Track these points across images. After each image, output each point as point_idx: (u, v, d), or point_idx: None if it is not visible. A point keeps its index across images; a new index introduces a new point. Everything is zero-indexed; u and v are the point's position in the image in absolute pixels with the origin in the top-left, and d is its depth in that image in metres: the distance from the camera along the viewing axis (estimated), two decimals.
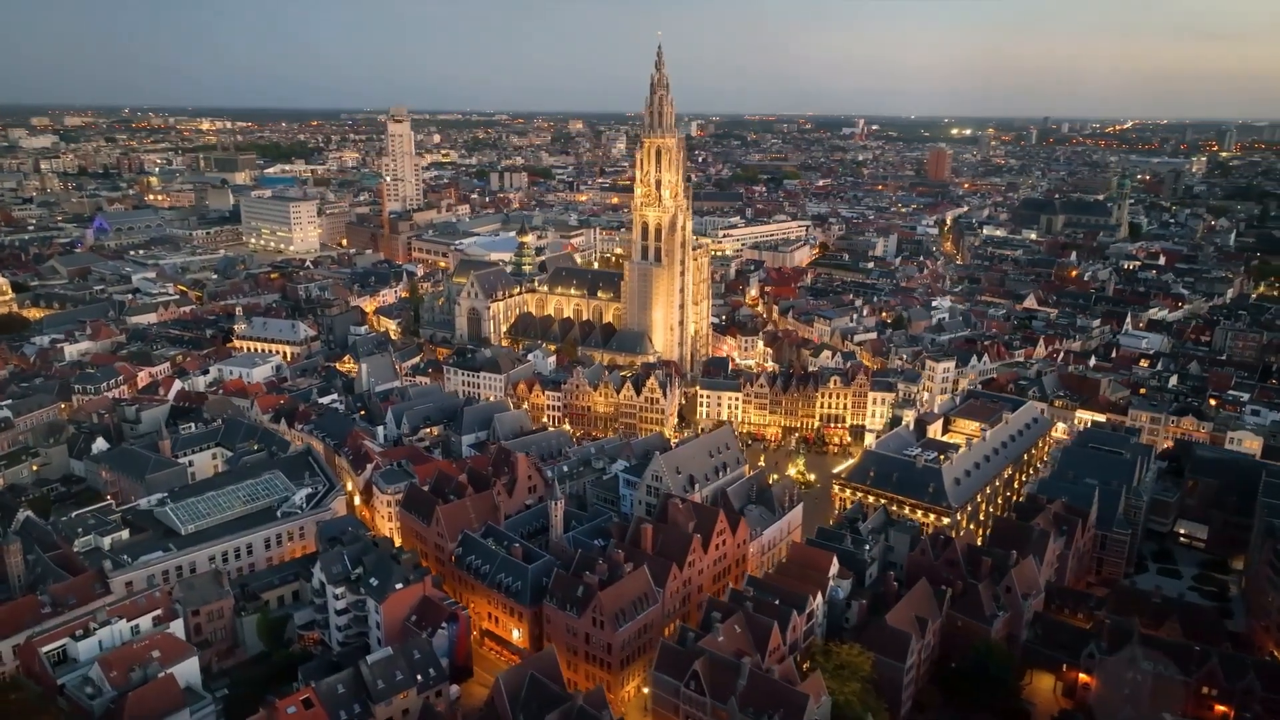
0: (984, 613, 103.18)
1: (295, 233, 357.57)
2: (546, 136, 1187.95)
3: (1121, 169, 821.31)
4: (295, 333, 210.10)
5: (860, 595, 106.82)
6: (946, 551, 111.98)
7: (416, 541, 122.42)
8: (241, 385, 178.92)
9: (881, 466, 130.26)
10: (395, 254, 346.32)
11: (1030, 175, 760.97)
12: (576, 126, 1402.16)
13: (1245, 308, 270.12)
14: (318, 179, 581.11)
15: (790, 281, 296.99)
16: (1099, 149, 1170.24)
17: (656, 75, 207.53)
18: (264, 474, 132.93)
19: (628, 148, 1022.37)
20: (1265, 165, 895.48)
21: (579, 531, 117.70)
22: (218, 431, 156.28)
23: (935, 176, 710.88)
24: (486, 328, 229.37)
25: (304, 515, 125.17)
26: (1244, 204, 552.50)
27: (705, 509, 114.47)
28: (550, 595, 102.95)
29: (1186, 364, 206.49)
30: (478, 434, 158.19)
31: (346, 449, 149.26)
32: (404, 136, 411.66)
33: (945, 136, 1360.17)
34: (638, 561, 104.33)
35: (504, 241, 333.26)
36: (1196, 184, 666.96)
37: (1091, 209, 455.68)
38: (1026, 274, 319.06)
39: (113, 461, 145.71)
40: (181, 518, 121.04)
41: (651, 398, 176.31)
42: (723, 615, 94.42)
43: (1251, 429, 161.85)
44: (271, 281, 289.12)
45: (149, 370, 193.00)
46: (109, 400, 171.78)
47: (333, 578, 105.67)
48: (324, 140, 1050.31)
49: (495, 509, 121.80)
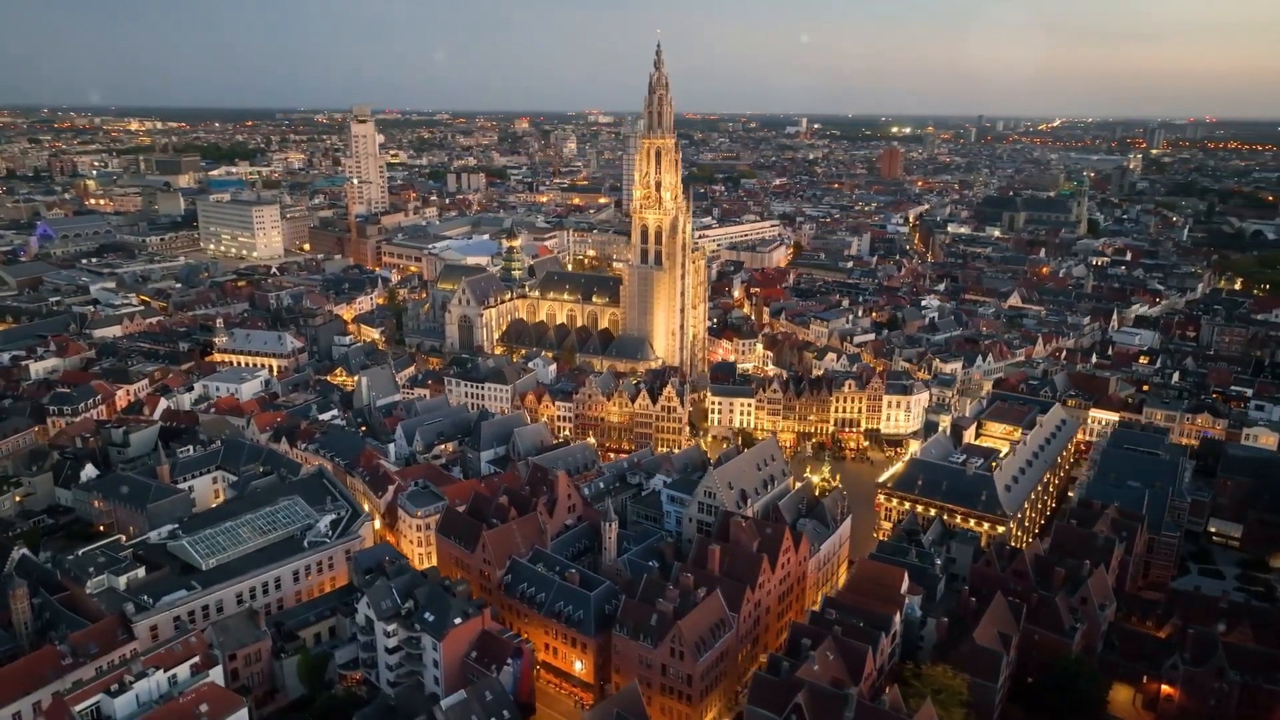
0: (1063, 626, 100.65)
1: (259, 238, 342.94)
2: (493, 136, 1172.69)
3: (1063, 166, 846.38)
4: (282, 345, 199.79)
5: (932, 612, 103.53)
6: (1014, 562, 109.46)
7: (456, 569, 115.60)
8: (233, 403, 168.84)
9: (930, 475, 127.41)
10: (364, 259, 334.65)
11: (978, 173, 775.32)
12: (522, 125, 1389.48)
13: (1220, 303, 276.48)
14: (267, 181, 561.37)
15: (775, 282, 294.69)
16: (1036, 146, 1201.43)
17: (655, 75, 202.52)
18: (282, 500, 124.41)
19: (578, 147, 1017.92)
20: (1196, 163, 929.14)
21: (632, 553, 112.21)
22: (217, 454, 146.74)
23: (888, 175, 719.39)
24: (479, 336, 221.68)
25: (333, 544, 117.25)
26: (1188, 200, 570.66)
27: (769, 526, 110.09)
28: (619, 625, 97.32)
29: (1182, 360, 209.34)
30: (496, 449, 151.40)
31: (361, 469, 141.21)
32: (367, 137, 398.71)
33: (887, 135, 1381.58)
34: (708, 585, 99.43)
35: (480, 245, 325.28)
36: (1138, 181, 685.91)
37: (1052, 206, 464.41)
38: (1002, 271, 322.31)
39: (106, 490, 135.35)
40: (201, 551, 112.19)
41: (668, 406, 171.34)
42: (813, 641, 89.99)
43: (1264, 425, 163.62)
44: (239, 290, 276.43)
45: (127, 388, 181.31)
46: (91, 422, 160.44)
47: (382, 613, 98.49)
48: (264, 141, 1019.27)
49: (541, 532, 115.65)
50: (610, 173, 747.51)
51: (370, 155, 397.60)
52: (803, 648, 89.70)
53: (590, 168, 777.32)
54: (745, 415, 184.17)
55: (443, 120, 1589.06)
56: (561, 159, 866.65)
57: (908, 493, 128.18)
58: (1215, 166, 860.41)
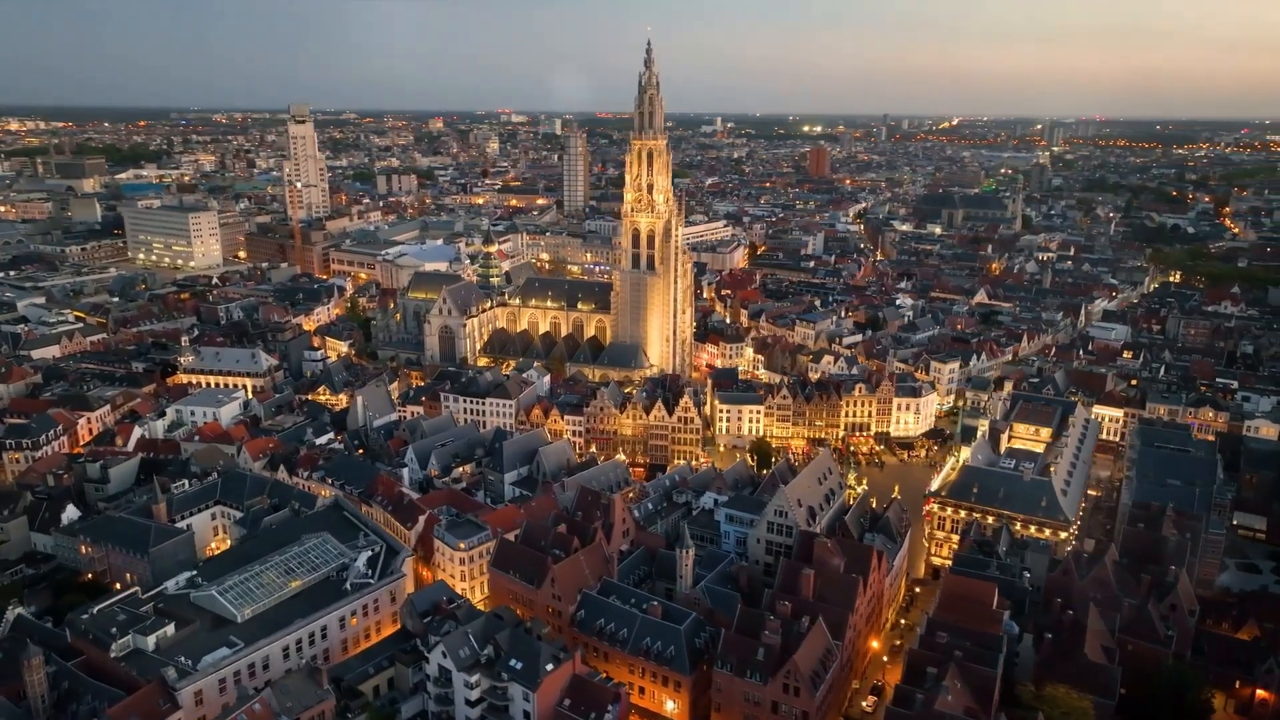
0: (1158, 634, 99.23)
1: (195, 246, 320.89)
2: (409, 136, 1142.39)
3: (978, 164, 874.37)
4: (256, 363, 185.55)
5: (1025, 627, 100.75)
6: (1095, 570, 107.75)
7: (515, 605, 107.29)
8: (217, 429, 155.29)
9: (985, 482, 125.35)
10: (311, 266, 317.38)
11: (901, 171, 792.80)
12: (437, 125, 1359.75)
13: (1172, 295, 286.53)
14: (181, 185, 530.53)
15: (743, 284, 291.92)
16: (944, 144, 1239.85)
17: (646, 74, 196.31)
18: (308, 538, 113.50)
19: (500, 147, 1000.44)
20: (1098, 159, 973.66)
21: (708, 581, 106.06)
22: (215, 487, 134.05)
23: (816, 173, 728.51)
24: (462, 347, 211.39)
25: (379, 585, 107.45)
26: (1104, 196, 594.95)
27: (854, 546, 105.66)
28: (722, 661, 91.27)
29: (1160, 353, 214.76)
30: (518, 470, 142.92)
31: (381, 498, 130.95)
32: (306, 138, 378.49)
33: (799, 134, 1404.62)
34: (807, 613, 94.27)
35: (436, 250, 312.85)
36: (1053, 178, 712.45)
37: (988, 203, 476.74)
38: (958, 269, 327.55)
39: (96, 533, 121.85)
40: (233, 601, 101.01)
41: (685, 417, 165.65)
42: (937, 668, 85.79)
43: (1263, 417, 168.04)
44: (183, 303, 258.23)
45: (88, 416, 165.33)
46: (61, 457, 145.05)
47: (461, 663, 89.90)
48: (165, 143, 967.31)
49: (606, 561, 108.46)
50: (540, 173, 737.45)
51: (310, 157, 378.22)
52: (929, 676, 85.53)
53: (519, 168, 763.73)
54: (754, 423, 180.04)
55: (350, 120, 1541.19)
56: (487, 159, 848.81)
57: (963, 500, 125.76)
58: (1116, 163, 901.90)
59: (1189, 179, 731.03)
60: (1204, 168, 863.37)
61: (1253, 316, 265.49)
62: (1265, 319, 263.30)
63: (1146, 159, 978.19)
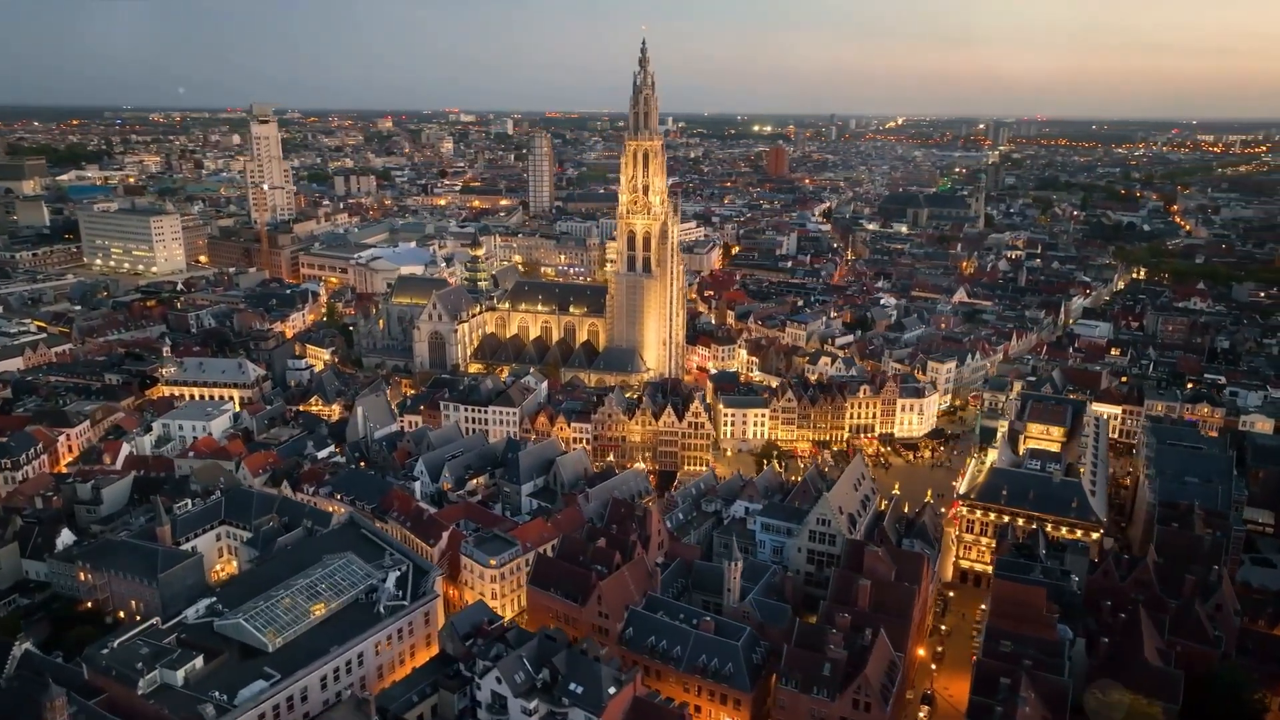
0: (1208, 635, 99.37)
1: (158, 251, 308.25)
2: (358, 136, 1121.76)
3: (929, 163, 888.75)
4: (244, 373, 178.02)
5: (1077, 631, 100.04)
6: (1136, 571, 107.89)
7: (555, 624, 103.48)
8: (212, 444, 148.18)
9: (1015, 484, 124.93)
10: (280, 271, 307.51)
11: (857, 170, 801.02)
12: (386, 125, 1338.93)
13: (1143, 292, 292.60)
14: (129, 187, 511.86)
15: (725, 285, 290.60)
16: (893, 144, 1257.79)
17: (641, 74, 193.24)
18: (330, 559, 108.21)
19: (454, 147, 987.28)
20: (1045, 158, 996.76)
21: (755, 593, 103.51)
22: (219, 506, 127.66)
23: (775, 172, 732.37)
24: (453, 353, 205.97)
25: (414, 607, 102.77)
26: (1058, 194, 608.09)
27: (903, 554, 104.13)
28: (786, 677, 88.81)
29: (1144, 349, 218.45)
30: (534, 481, 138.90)
31: (396, 514, 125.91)
32: (270, 139, 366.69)
33: (749, 133, 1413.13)
34: (868, 625, 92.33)
35: (411, 253, 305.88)
36: (1006, 177, 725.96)
37: (951, 202, 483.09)
38: (933, 267, 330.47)
39: (96, 559, 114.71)
40: (262, 629, 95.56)
41: (695, 422, 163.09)
42: (1010, 679, 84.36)
43: (1257, 411, 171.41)
44: (150, 310, 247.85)
45: (67, 433, 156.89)
46: (48, 478, 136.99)
47: (518, 688, 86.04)
48: (103, 143, 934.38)
49: (649, 575, 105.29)
50: (499, 173, 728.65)
51: (275, 158, 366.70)
52: (1001, 687, 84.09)
53: (477, 168, 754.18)
54: (758, 426, 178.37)
55: (294, 119, 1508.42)
56: (443, 159, 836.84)
57: (992, 503, 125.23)
58: (1063, 162, 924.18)
59: (1135, 177, 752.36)
60: (1145, 166, 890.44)
61: (1221, 312, 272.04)
62: (1234, 314, 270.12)
63: (1090, 158, 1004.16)
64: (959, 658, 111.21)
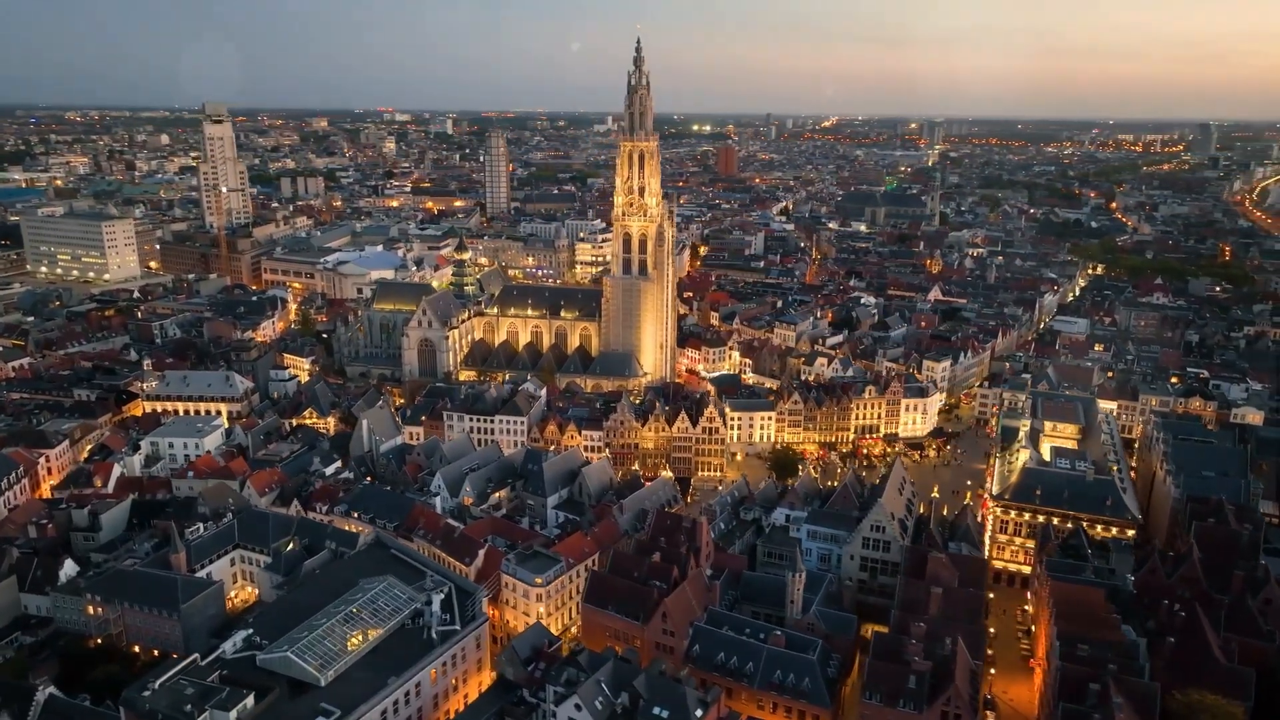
0: (1261, 630, 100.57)
1: (111, 258, 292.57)
2: (293, 136, 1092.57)
3: (872, 162, 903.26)
4: (231, 387, 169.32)
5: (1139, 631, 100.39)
6: (1183, 569, 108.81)
7: (613, 643, 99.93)
8: (212, 462, 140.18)
9: (1049, 484, 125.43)
10: (241, 277, 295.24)
11: (802, 169, 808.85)
12: (321, 124, 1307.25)
13: (1108, 288, 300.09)
14: (59, 190, 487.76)
15: (704, 287, 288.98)
16: (832, 143, 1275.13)
17: (636, 74, 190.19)
18: (368, 583, 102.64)
19: (397, 146, 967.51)
20: (983, 157, 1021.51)
21: (818, 604, 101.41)
22: (232, 530, 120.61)
23: (725, 172, 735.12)
24: (444, 360, 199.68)
25: (466, 631, 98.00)
26: (1004, 192, 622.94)
27: (965, 559, 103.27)
28: (869, 691, 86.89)
29: (1123, 345, 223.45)
30: (560, 493, 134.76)
31: (423, 531, 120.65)
32: (224, 140, 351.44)
33: (689, 133, 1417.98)
34: (945, 634, 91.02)
35: (380, 257, 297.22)
36: (950, 175, 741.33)
37: (906, 200, 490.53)
38: (901, 266, 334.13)
39: (108, 591, 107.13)
40: (312, 662, 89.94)
41: (710, 428, 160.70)
42: (1099, 685, 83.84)
43: (1246, 404, 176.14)
44: (109, 321, 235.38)
45: (47, 455, 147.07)
46: (38, 504, 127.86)
47: (599, 715, 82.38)
48: (21, 143, 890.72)
49: (707, 589, 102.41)
50: (448, 174, 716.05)
51: (229, 159, 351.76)
52: (1091, 693, 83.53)
53: (424, 168, 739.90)
54: (764, 429, 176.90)
55: None
56: (387, 160, 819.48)
57: (1027, 503, 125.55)
58: (1000, 161, 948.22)
59: (1071, 175, 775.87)
60: (1079, 165, 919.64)
61: (1183, 307, 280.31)
62: (1194, 308, 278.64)
63: (1024, 156, 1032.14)
64: (1008, 660, 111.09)
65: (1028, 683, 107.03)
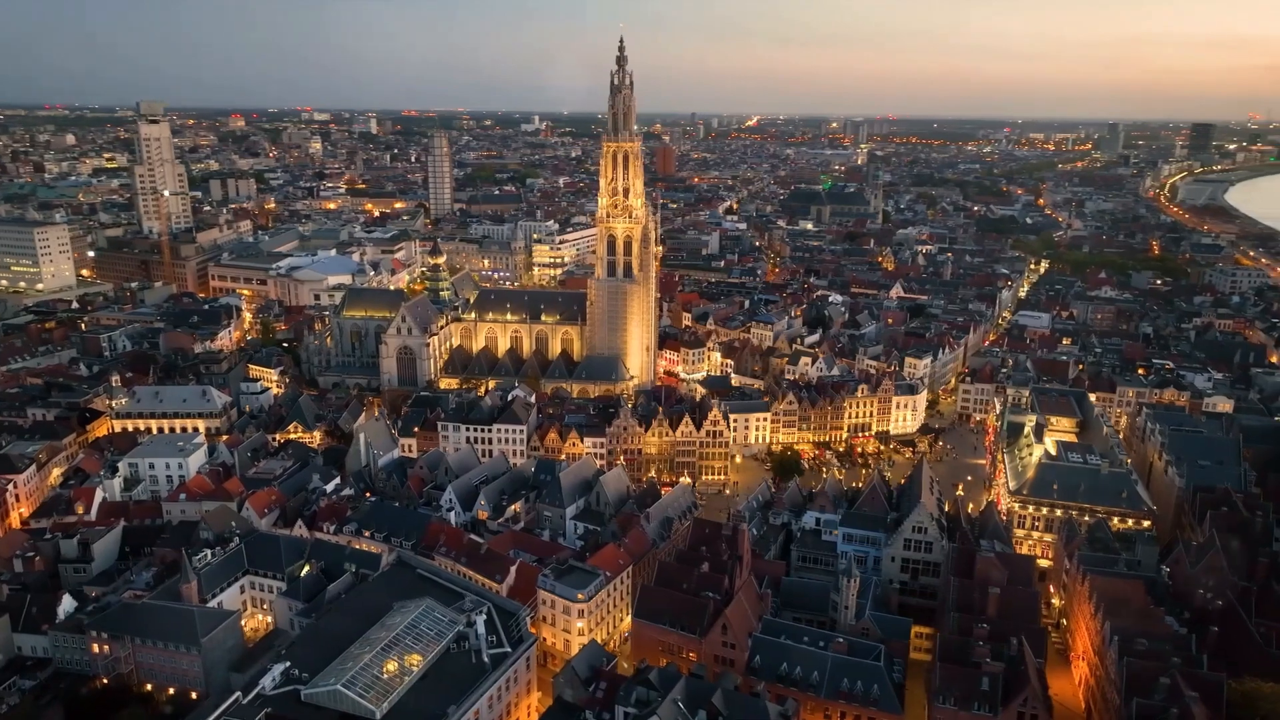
0: None
1: (45, 267, 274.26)
2: (210, 136, 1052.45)
3: (805, 161, 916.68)
4: (209, 402, 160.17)
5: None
6: (1207, 558, 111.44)
7: (666, 657, 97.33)
8: (205, 484, 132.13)
9: (1065, 478, 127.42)
10: (187, 284, 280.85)
11: (738, 169, 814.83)
12: (238, 124, 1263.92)
13: (1060, 283, 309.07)
14: None
15: (669, 288, 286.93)
16: (761, 142, 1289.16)
17: (619, 74, 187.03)
18: (405, 605, 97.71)
19: (323, 147, 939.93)
20: (909, 155, 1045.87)
21: (872, 609, 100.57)
22: (239, 555, 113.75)
23: (664, 171, 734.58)
24: (425, 369, 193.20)
25: (518, 653, 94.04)
26: (937, 190, 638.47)
27: (1012, 559, 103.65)
28: (941, 695, 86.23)
29: (1087, 338, 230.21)
30: (577, 503, 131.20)
31: (445, 548, 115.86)
32: (162, 140, 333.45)
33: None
34: (1008, 634, 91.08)
35: (336, 262, 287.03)
36: (881, 173, 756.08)
37: (852, 199, 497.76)
38: (857, 263, 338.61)
39: (116, 626, 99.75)
40: (363, 694, 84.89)
41: (714, 431, 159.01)
42: (1169, 679, 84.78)
43: (1214, 393, 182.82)
44: (50, 333, 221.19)
45: (15, 480, 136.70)
46: (21, 536, 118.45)
47: None
48: None
49: (760, 598, 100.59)
50: (381, 174, 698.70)
51: (167, 161, 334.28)
52: (1160, 687, 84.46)
53: (356, 169, 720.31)
54: (760, 430, 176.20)
55: (128, 117, 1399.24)
56: (315, 161, 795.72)
57: (1045, 497, 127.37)
58: (926, 159, 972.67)
59: (996, 173, 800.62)
60: (1000, 163, 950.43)
61: (1129, 299, 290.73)
62: (1140, 301, 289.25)
63: (947, 155, 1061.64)
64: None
65: (1064, 676, 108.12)
